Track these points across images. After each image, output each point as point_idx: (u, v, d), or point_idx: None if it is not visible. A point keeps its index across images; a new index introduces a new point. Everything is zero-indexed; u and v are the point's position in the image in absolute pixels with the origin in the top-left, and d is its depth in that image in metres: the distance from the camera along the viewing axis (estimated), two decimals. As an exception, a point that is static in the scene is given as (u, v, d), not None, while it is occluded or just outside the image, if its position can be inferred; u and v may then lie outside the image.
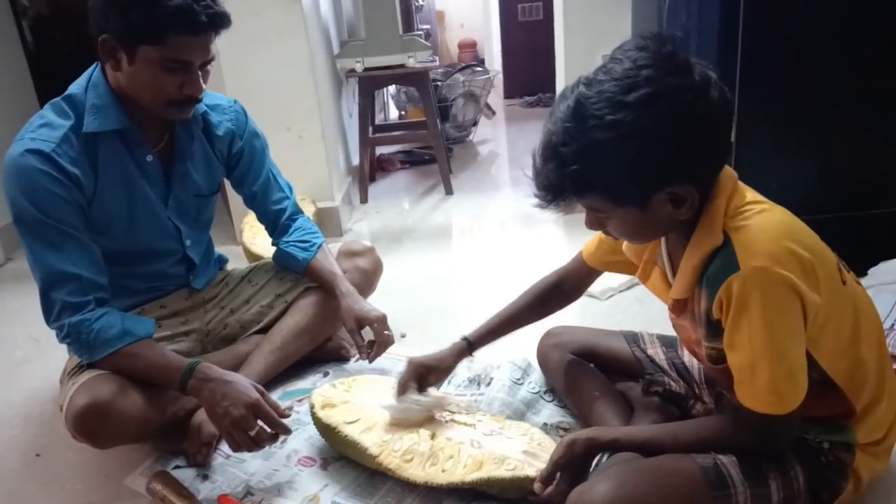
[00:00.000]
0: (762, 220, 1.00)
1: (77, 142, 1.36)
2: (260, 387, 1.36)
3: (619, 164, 0.94)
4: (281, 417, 1.33)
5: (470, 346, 1.44)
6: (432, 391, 1.45)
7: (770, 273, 0.94)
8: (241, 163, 1.66)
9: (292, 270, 1.74)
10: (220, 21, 1.33)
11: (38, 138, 1.33)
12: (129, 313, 1.44)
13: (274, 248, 1.76)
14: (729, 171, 1.04)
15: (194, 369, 1.34)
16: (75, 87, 1.41)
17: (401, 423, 1.34)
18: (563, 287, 1.44)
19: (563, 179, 0.97)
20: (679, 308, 1.11)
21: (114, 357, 1.34)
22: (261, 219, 1.77)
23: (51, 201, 1.32)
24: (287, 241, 1.72)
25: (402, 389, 1.38)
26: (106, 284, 1.39)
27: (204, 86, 1.40)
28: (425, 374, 1.42)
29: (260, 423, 1.30)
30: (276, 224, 1.74)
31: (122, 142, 1.42)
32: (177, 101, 1.38)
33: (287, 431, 1.34)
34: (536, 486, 1.12)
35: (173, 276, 1.63)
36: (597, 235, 1.34)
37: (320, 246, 1.73)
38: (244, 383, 1.33)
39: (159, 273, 1.60)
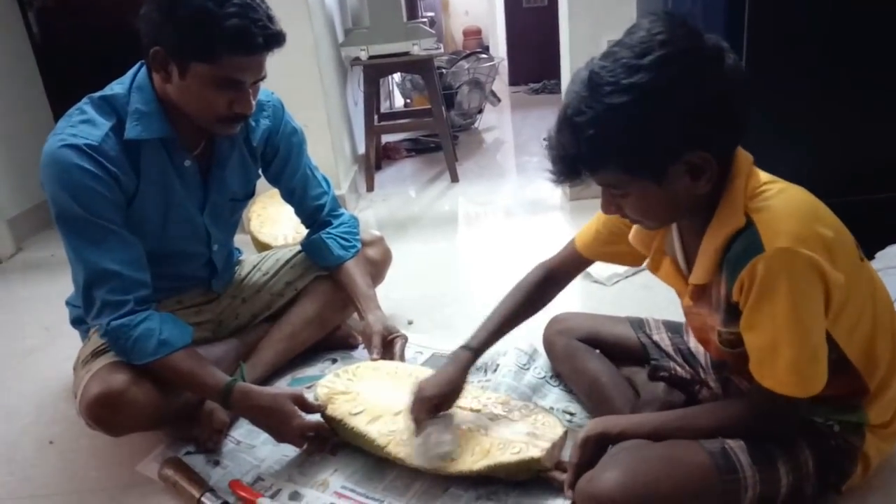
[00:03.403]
0: (784, 200, 0.99)
1: (118, 142, 1.34)
2: (298, 393, 1.37)
3: (636, 128, 0.92)
4: (317, 412, 1.37)
5: (474, 353, 1.32)
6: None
7: (796, 254, 0.93)
8: (278, 159, 1.63)
9: (320, 263, 1.71)
10: (276, 42, 1.31)
11: (79, 134, 1.30)
12: (166, 313, 1.42)
13: (308, 238, 1.73)
14: (744, 153, 1.03)
15: (231, 393, 1.33)
16: (118, 87, 1.38)
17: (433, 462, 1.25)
18: (555, 278, 1.40)
19: (578, 148, 0.95)
20: (698, 295, 1.09)
21: (151, 365, 1.34)
22: (298, 213, 1.75)
23: (92, 198, 1.30)
24: (329, 233, 1.70)
25: (418, 426, 1.27)
26: (148, 281, 1.38)
27: (253, 102, 1.37)
28: (440, 406, 1.28)
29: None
30: (315, 219, 1.72)
31: (163, 146, 1.40)
32: (226, 118, 1.36)
33: (331, 434, 1.38)
34: (567, 492, 1.12)
35: (196, 278, 1.63)
36: (593, 224, 1.33)
37: (358, 250, 1.72)
38: (282, 410, 1.33)
39: (182, 275, 1.60)
